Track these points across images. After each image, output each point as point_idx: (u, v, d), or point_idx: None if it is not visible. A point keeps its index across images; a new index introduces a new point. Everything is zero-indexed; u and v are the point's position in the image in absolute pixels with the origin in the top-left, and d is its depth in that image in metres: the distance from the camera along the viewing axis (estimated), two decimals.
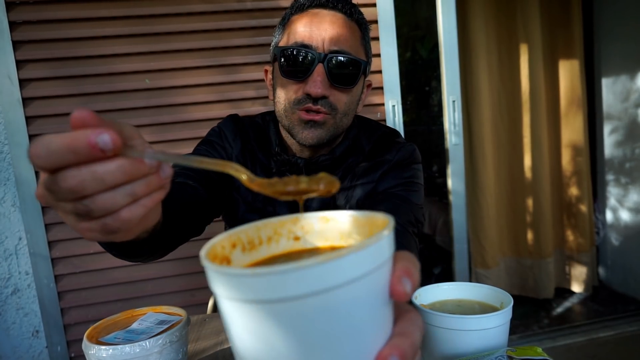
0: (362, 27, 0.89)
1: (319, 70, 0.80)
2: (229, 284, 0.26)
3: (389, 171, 0.92)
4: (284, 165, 0.91)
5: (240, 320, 0.27)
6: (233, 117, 1.01)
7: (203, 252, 0.31)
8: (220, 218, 1.04)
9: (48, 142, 0.32)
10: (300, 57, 0.80)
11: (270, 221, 0.38)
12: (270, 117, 0.99)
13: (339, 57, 0.81)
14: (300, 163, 0.90)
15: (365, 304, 0.27)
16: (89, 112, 0.33)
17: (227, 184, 0.95)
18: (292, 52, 0.81)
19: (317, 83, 0.80)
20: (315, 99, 0.81)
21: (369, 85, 0.98)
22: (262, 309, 0.25)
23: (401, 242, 0.78)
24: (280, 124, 0.93)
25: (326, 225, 0.37)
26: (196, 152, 0.96)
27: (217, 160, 0.37)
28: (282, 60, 0.82)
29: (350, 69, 0.83)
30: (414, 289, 0.29)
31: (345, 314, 0.26)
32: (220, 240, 0.35)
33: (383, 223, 0.32)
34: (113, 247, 0.60)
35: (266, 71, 0.96)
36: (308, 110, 0.82)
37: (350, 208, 0.69)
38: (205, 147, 0.96)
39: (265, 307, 0.25)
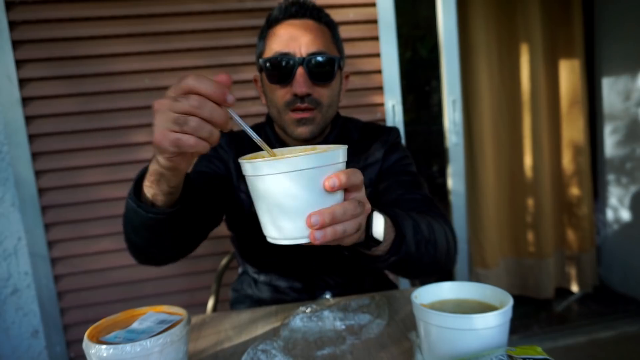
0: (330, 27, 0.99)
1: (300, 72, 0.91)
2: (244, 167, 0.54)
3: (390, 150, 1.05)
4: None
5: (250, 186, 0.55)
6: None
7: (243, 157, 0.57)
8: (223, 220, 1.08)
9: (201, 78, 0.52)
10: (283, 64, 0.91)
11: (294, 147, 0.64)
12: (264, 122, 1.09)
13: (316, 58, 0.92)
14: None
15: (310, 185, 0.52)
16: (229, 78, 0.53)
17: (227, 184, 1.02)
18: (275, 60, 0.92)
19: (300, 83, 0.90)
20: (301, 98, 0.92)
21: (347, 77, 1.08)
22: (255, 181, 0.53)
23: (432, 207, 0.92)
24: (275, 124, 1.04)
25: None
26: (196, 166, 1.03)
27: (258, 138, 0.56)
28: (268, 69, 0.93)
29: (327, 66, 0.93)
30: (340, 187, 0.53)
31: (296, 186, 0.51)
32: (256, 154, 0.59)
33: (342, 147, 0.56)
34: (146, 211, 0.68)
35: (255, 80, 1.06)
36: (297, 110, 0.93)
37: (365, 187, 0.75)
38: (205, 162, 1.04)
39: (257, 179, 0.53)
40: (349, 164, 0.57)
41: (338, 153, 0.54)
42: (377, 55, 1.78)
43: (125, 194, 1.69)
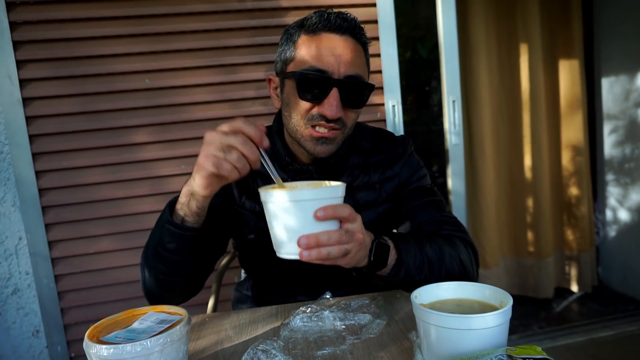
0: (365, 47, 0.94)
1: (335, 94, 0.85)
2: (260, 194, 0.67)
3: (407, 164, 1.04)
4: (297, 174, 0.98)
5: (264, 209, 0.67)
6: None
7: (262, 187, 0.69)
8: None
9: (247, 122, 0.66)
10: (318, 82, 0.86)
11: (302, 182, 0.79)
12: (274, 128, 1.03)
13: (353, 81, 0.87)
14: (312, 169, 0.97)
15: (306, 213, 0.63)
16: (263, 126, 0.67)
17: (229, 201, 1.01)
18: (311, 75, 0.86)
19: (333, 107, 0.85)
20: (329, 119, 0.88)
21: None
22: (267, 206, 0.66)
23: (455, 228, 0.95)
24: (287, 134, 0.98)
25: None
26: None
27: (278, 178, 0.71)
28: (300, 81, 0.87)
29: (362, 92, 0.90)
30: (327, 217, 0.63)
31: (296, 213, 0.63)
32: (273, 186, 0.71)
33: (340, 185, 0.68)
34: (183, 229, 0.79)
35: (270, 80, 0.99)
36: (320, 126, 0.89)
37: (382, 200, 0.85)
38: None
39: (268, 204, 0.65)
40: (366, 177, 0.73)
41: (337, 190, 0.66)
42: (377, 55, 1.78)
43: (124, 194, 1.69)
